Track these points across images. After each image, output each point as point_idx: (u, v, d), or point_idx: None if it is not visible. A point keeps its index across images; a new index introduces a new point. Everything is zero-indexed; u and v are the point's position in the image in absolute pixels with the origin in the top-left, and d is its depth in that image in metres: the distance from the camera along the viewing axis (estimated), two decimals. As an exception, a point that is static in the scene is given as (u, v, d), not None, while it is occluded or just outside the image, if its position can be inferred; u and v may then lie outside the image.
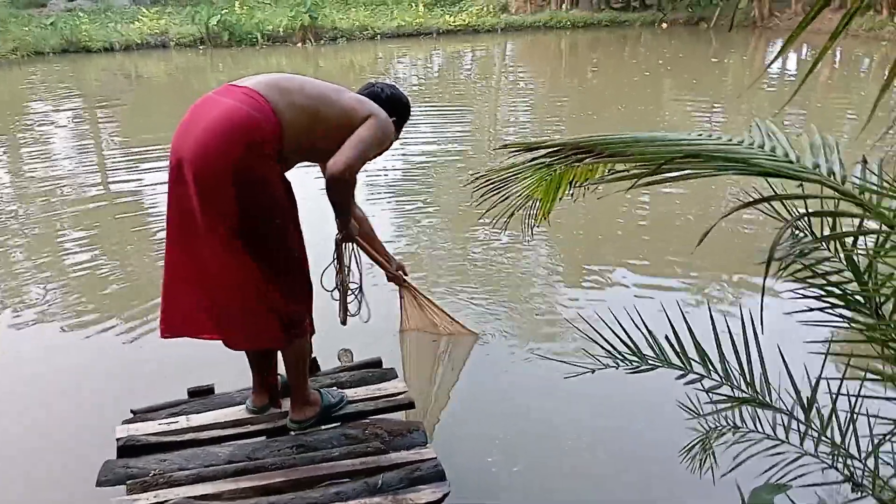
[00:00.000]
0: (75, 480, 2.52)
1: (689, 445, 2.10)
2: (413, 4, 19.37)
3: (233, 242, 2.12)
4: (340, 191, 2.27)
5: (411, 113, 2.62)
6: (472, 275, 4.52)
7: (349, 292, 2.86)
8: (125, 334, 3.80)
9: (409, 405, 2.72)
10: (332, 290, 2.84)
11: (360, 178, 2.38)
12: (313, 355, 2.84)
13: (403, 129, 2.63)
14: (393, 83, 2.60)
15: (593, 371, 2.02)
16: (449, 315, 3.41)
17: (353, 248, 2.80)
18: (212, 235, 2.13)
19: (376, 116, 2.27)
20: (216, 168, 2.03)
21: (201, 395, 2.73)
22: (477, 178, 2.10)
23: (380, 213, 5.59)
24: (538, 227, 2.44)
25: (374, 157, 2.35)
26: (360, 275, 2.87)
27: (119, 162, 7.58)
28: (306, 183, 3.14)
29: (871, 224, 1.61)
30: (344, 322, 2.90)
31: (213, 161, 2.02)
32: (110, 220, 5.78)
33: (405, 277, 3.23)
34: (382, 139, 2.30)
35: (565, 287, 4.41)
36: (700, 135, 1.81)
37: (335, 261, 2.77)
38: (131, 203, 6.13)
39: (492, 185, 2.14)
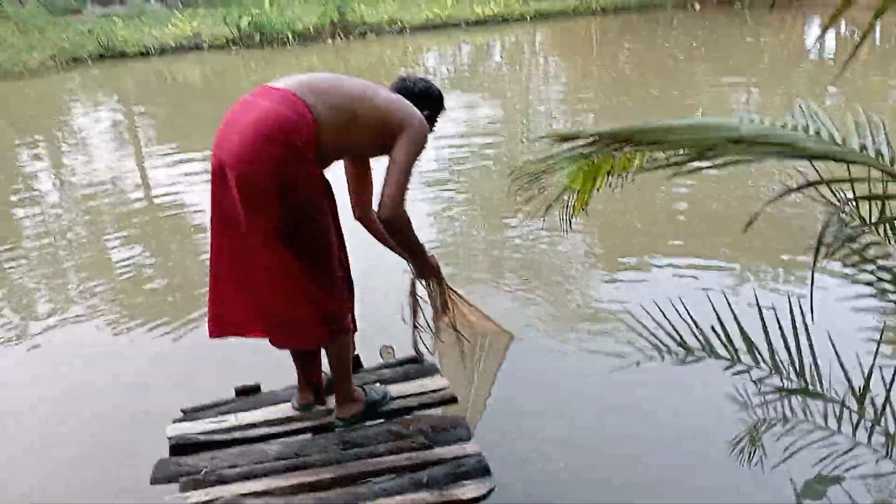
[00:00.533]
0: (128, 479, 2.59)
1: (738, 438, 2.07)
2: (441, -4, 19.34)
3: (275, 242, 2.15)
4: (398, 228, 2.30)
5: (444, 106, 2.61)
6: (508, 266, 4.51)
7: (423, 328, 2.88)
8: (171, 334, 3.88)
9: (452, 400, 2.72)
10: (413, 327, 2.89)
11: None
12: (356, 352, 2.88)
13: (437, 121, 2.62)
14: (424, 76, 2.60)
15: (638, 363, 2.00)
16: (484, 314, 3.35)
17: (433, 286, 2.79)
18: (255, 236, 2.16)
19: (410, 126, 2.26)
20: (257, 171, 2.05)
21: (248, 394, 2.77)
22: (514, 171, 2.10)
23: (412, 204, 5.59)
24: (575, 217, 2.42)
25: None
26: (439, 312, 2.86)
27: (157, 164, 7.71)
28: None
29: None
30: (420, 359, 2.92)
31: (254, 164, 2.05)
32: (152, 221, 5.89)
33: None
34: (419, 148, 2.29)
35: (605, 277, 4.38)
36: (741, 119, 1.78)
37: (410, 298, 2.82)
38: (171, 204, 6.24)
39: (530, 177, 2.14)
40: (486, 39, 16.92)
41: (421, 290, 2.85)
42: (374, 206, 2.30)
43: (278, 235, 2.14)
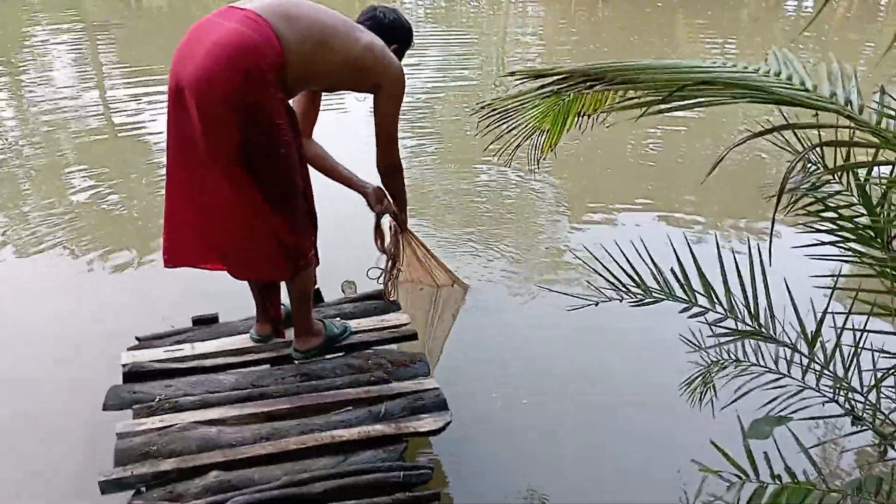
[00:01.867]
0: (82, 405, 2.55)
1: (690, 378, 2.11)
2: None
3: (235, 170, 2.08)
4: (393, 177, 2.51)
5: (414, 39, 2.55)
6: (479, 210, 4.49)
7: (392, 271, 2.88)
8: (131, 265, 3.81)
9: (413, 336, 2.73)
10: (377, 278, 2.92)
11: (362, 110, 2.39)
12: (317, 286, 2.85)
13: (407, 54, 2.56)
14: (395, 8, 2.52)
15: (597, 303, 2.01)
16: (442, 264, 3.30)
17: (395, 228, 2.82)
18: (214, 163, 2.08)
19: (389, 80, 2.26)
20: (218, 94, 1.96)
21: (206, 324, 2.74)
22: (483, 108, 2.05)
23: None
24: (545, 159, 2.40)
25: None
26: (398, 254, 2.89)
27: (120, 90, 7.46)
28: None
29: (887, 155, 1.57)
30: (386, 296, 2.92)
31: (215, 86, 1.96)
32: (113, 149, 5.73)
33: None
34: (401, 99, 2.34)
35: (572, 221, 4.39)
36: (714, 62, 1.75)
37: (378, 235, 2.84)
38: (134, 132, 6.05)
39: (498, 115, 2.09)
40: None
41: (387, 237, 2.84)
42: (375, 158, 2.45)
43: (239, 164, 2.07)
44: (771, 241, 1.71)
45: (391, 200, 2.63)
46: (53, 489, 2.42)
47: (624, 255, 2.03)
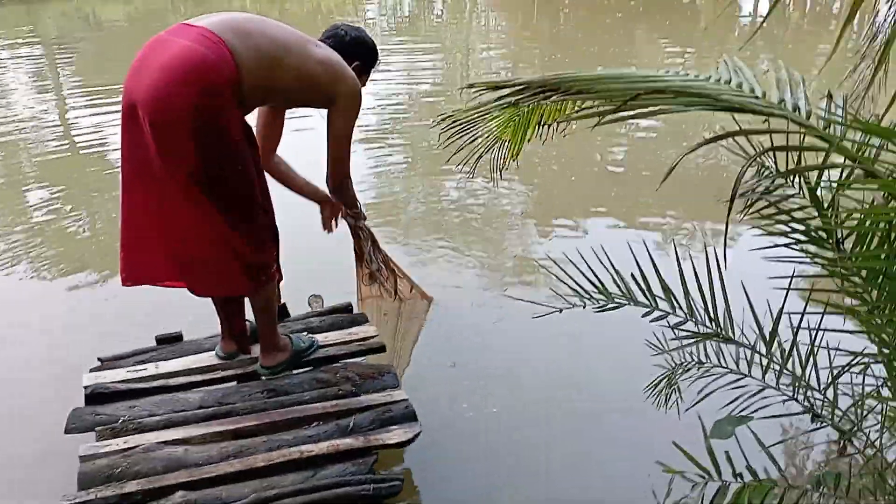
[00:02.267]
0: (44, 429, 2.49)
1: (655, 381, 2.14)
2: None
3: (192, 188, 2.06)
4: (343, 194, 2.56)
5: (378, 57, 2.55)
6: (444, 219, 4.51)
7: (379, 270, 2.92)
8: (92, 284, 3.74)
9: (381, 349, 2.72)
10: (370, 284, 2.98)
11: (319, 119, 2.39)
12: (283, 301, 2.84)
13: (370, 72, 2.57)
14: (359, 26, 2.52)
15: (561, 311, 2.03)
16: (407, 276, 3.30)
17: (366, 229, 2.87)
18: (170, 181, 2.07)
19: (344, 93, 2.25)
20: (172, 112, 1.95)
21: (169, 343, 2.71)
22: (444, 119, 2.06)
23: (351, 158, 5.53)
24: (507, 169, 2.42)
25: None
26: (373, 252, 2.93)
27: (80, 108, 7.36)
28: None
29: (835, 158, 1.62)
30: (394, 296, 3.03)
31: (169, 105, 1.95)
32: (73, 167, 5.64)
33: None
34: (355, 114, 2.33)
35: (538, 229, 4.42)
36: (667, 71, 1.80)
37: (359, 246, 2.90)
38: (94, 150, 5.97)
39: (459, 127, 2.11)
40: (428, -9, 16.60)
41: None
42: (325, 176, 2.47)
43: (196, 181, 2.05)
44: (725, 244, 1.75)
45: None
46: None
47: (585, 262, 2.06)
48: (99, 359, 2.60)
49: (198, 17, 2.10)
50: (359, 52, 2.42)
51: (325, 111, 2.33)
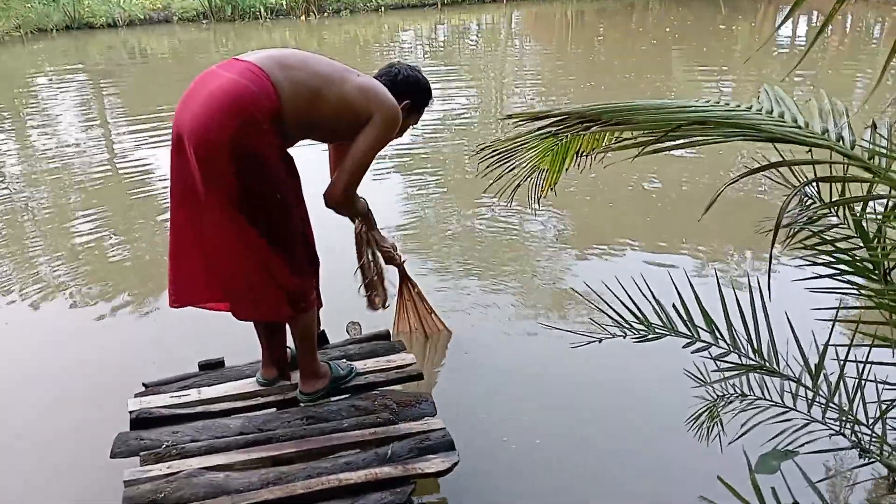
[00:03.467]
0: (90, 453, 2.54)
1: (696, 413, 2.11)
2: (418, -25, 19.08)
3: (235, 215, 2.13)
4: (344, 210, 2.44)
5: (431, 97, 2.55)
6: (479, 247, 4.52)
7: (375, 282, 2.94)
8: (137, 310, 3.83)
9: (419, 376, 2.73)
10: (360, 286, 2.98)
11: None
12: (322, 328, 2.87)
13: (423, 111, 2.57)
14: (416, 66, 2.52)
15: (600, 340, 2.02)
16: (429, 307, 3.33)
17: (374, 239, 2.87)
18: (214, 207, 2.14)
19: (378, 113, 2.23)
20: (213, 141, 2.02)
21: (212, 368, 2.76)
22: (483, 150, 2.09)
23: (385, 185, 5.60)
24: (544, 197, 2.43)
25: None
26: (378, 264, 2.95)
27: (125, 138, 7.57)
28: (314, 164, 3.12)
29: (881, 189, 1.60)
30: (374, 308, 3.00)
31: (211, 134, 2.02)
32: (119, 196, 5.79)
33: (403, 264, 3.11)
34: (384, 137, 2.28)
35: (575, 257, 4.41)
36: (707, 101, 1.80)
37: (362, 254, 2.91)
38: (139, 179, 6.13)
39: (497, 156, 2.13)
40: (463, 20, 16.80)
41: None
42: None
43: (237, 207, 2.12)
44: (769, 275, 1.73)
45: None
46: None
47: (625, 290, 2.05)
48: (144, 384, 2.65)
49: (248, 52, 2.18)
50: (410, 90, 2.43)
51: None
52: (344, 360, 2.73)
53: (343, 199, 2.31)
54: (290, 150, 2.27)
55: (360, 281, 2.96)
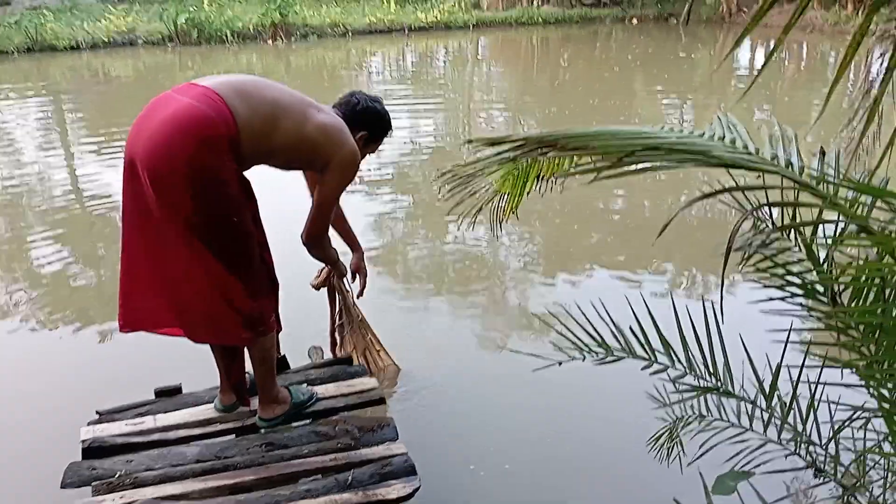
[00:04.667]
0: (39, 483, 2.47)
1: (657, 435, 2.13)
2: (385, 1, 19.26)
3: (190, 238, 2.11)
4: (316, 251, 2.53)
5: (390, 128, 2.57)
6: (446, 270, 4.53)
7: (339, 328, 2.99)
8: (93, 336, 3.75)
9: (380, 401, 2.71)
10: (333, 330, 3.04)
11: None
12: (282, 353, 2.84)
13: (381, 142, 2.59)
14: (377, 97, 2.54)
15: (560, 363, 2.03)
16: (378, 342, 3.20)
17: (343, 286, 2.92)
18: (169, 231, 2.11)
19: (338, 158, 2.27)
20: (169, 164, 2.00)
21: (168, 395, 2.70)
22: (444, 175, 2.10)
23: (355, 206, 5.58)
24: (506, 221, 2.45)
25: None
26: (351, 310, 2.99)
27: (88, 162, 7.47)
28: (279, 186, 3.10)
29: (830, 214, 1.64)
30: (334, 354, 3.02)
31: (166, 157, 2.00)
32: (80, 220, 5.70)
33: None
34: (346, 181, 2.35)
35: (538, 280, 4.44)
36: (662, 128, 1.83)
37: (332, 302, 2.97)
38: (101, 203, 6.04)
39: (459, 181, 2.15)
40: (429, 45, 16.96)
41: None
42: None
43: (193, 231, 2.09)
44: (722, 297, 1.76)
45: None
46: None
47: (584, 314, 2.07)
48: (97, 412, 2.58)
49: (204, 77, 2.17)
50: (368, 121, 2.45)
51: None
52: (304, 385, 2.70)
53: (313, 240, 2.43)
54: (247, 174, 2.26)
55: (328, 325, 3.02)
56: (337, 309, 3.00)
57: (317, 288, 2.88)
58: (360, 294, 2.87)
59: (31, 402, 3.14)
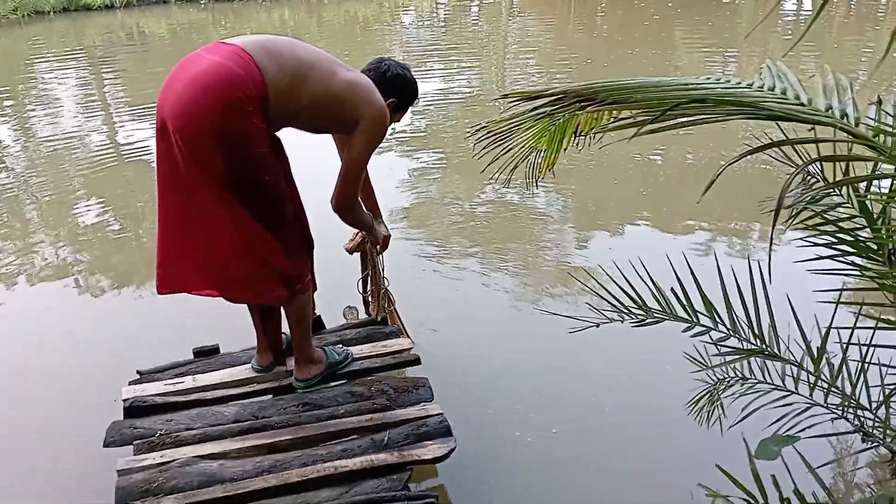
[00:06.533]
0: (83, 441, 2.53)
1: (697, 397, 2.08)
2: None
3: (225, 198, 2.09)
4: (347, 217, 2.39)
5: (418, 97, 2.49)
6: (481, 228, 4.48)
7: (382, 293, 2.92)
8: (133, 296, 3.81)
9: (416, 361, 2.70)
10: (356, 307, 3.00)
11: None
12: (318, 313, 2.84)
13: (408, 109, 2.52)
14: (405, 64, 2.47)
15: (598, 325, 1.98)
16: (399, 317, 3.07)
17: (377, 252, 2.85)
18: (203, 190, 2.09)
19: (367, 118, 2.19)
20: (197, 124, 1.97)
21: (207, 356, 2.73)
22: (478, 131, 2.03)
23: (387, 165, 5.55)
24: (541, 178, 2.38)
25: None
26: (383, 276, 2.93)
27: (125, 120, 7.53)
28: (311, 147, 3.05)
29: (886, 167, 1.55)
30: (381, 319, 2.95)
31: (194, 117, 1.97)
32: (120, 179, 5.77)
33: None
34: (375, 141, 2.26)
35: (576, 237, 4.37)
36: (707, 79, 1.74)
37: (364, 266, 2.90)
38: (140, 162, 6.10)
39: (494, 137, 2.08)
40: (463, -3, 16.62)
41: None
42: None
43: (227, 191, 2.07)
44: (770, 257, 1.68)
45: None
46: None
47: (622, 274, 2.01)
48: (138, 371, 2.62)
49: (234, 36, 2.12)
50: (397, 88, 2.38)
51: None
52: (340, 346, 2.70)
53: (344, 206, 2.32)
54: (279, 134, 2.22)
55: (361, 291, 3.01)
56: (371, 276, 2.94)
57: (350, 252, 2.83)
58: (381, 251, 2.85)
59: (74, 364, 3.20)
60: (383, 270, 2.91)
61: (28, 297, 3.89)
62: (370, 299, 2.98)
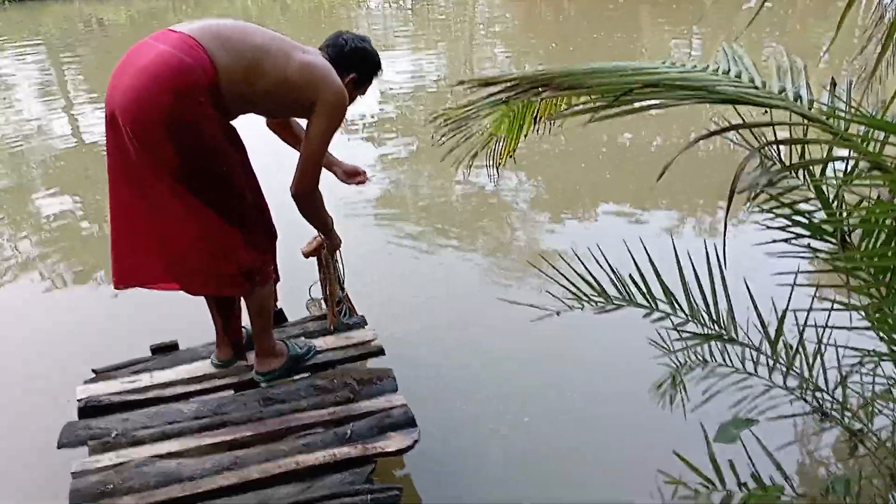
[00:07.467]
0: (35, 444, 2.46)
1: (660, 382, 2.07)
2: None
3: (179, 189, 2.03)
4: (306, 207, 2.28)
5: (380, 70, 2.41)
6: (444, 216, 4.46)
7: (336, 301, 2.79)
8: (90, 291, 3.72)
9: (380, 352, 2.67)
10: (320, 299, 2.85)
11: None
12: (280, 306, 2.79)
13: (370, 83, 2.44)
14: (365, 36, 2.38)
15: (558, 313, 1.97)
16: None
17: (336, 257, 2.72)
18: (157, 183, 2.04)
19: (324, 101, 2.11)
20: (147, 116, 1.91)
21: (165, 352, 2.67)
22: (436, 118, 2.00)
23: (356, 152, 5.49)
24: (503, 165, 2.36)
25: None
26: (342, 281, 2.79)
27: (86, 111, 7.35)
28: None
29: (840, 151, 1.55)
30: (334, 328, 2.80)
31: (144, 109, 1.91)
32: (80, 170, 5.63)
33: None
34: (335, 123, 2.18)
35: (541, 223, 4.37)
36: (662, 63, 1.72)
37: (320, 270, 2.74)
38: (101, 153, 5.95)
39: (452, 125, 2.05)
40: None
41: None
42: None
43: (182, 183, 2.02)
44: (725, 241, 1.68)
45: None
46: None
47: (582, 263, 2.00)
48: (93, 370, 2.56)
49: (182, 23, 2.05)
50: (357, 62, 2.30)
51: None
52: (302, 339, 2.66)
53: (303, 194, 2.22)
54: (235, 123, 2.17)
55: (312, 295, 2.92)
56: (328, 279, 2.77)
57: (306, 256, 2.68)
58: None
59: (27, 362, 3.11)
60: (343, 274, 2.81)
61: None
62: (324, 305, 2.87)
